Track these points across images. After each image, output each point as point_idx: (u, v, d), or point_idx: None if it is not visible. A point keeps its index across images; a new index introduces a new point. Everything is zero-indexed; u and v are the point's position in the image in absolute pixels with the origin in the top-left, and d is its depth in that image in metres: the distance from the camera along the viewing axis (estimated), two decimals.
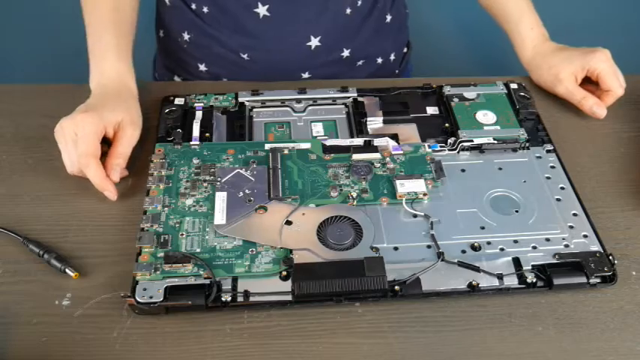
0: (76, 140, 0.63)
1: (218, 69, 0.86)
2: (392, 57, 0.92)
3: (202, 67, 0.86)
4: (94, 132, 0.63)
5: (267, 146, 0.67)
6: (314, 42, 0.82)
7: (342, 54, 0.85)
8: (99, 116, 0.64)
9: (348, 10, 0.82)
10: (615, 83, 0.74)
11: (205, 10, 0.81)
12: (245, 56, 0.83)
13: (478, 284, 0.56)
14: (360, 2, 0.83)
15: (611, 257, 0.58)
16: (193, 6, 0.82)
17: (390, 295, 0.55)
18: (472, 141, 0.68)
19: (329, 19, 0.81)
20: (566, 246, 0.59)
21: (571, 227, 0.61)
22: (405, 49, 0.96)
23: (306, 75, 0.85)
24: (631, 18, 1.41)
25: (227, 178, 0.63)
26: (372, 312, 0.55)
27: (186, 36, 0.85)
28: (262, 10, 0.79)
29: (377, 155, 0.66)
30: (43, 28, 1.40)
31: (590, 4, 1.39)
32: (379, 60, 0.90)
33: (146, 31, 0.95)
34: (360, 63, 0.88)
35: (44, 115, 0.74)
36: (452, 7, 1.38)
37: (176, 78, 0.90)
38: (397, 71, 0.94)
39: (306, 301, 0.55)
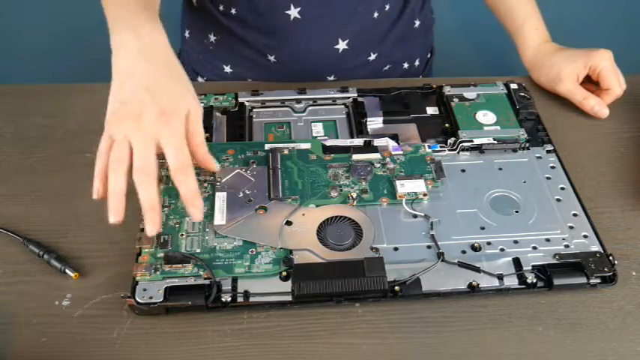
0: (156, 148, 0.52)
1: (243, 70, 0.86)
2: (417, 62, 0.92)
3: (227, 69, 0.86)
4: (183, 136, 0.54)
5: (267, 146, 0.67)
6: (342, 45, 0.82)
7: (369, 58, 0.85)
8: (182, 116, 0.54)
9: (376, 14, 0.82)
10: (615, 82, 0.74)
11: (233, 11, 0.81)
12: (272, 58, 0.83)
13: (478, 284, 0.56)
14: (387, 6, 0.82)
15: (611, 257, 0.58)
16: (221, 7, 0.82)
17: (390, 296, 0.55)
18: (472, 141, 0.68)
19: (358, 23, 0.81)
20: (567, 246, 0.59)
21: (571, 227, 0.61)
22: (429, 55, 0.96)
23: (331, 78, 0.84)
24: (631, 18, 1.41)
25: (227, 178, 0.63)
26: (372, 312, 0.55)
27: (212, 37, 0.85)
28: (294, 12, 0.79)
29: (377, 155, 0.66)
30: (43, 28, 1.40)
31: (590, 4, 1.39)
32: (405, 65, 0.90)
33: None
34: (386, 68, 0.88)
35: (44, 115, 0.74)
36: (453, 7, 1.38)
37: (199, 79, 0.90)
38: (420, 77, 0.94)
39: (306, 301, 0.55)
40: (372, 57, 0.85)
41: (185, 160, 0.53)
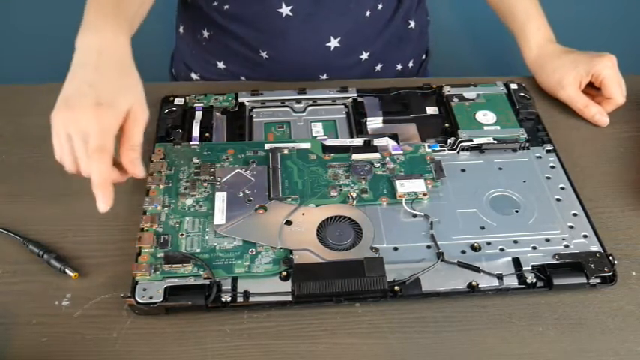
0: (86, 136, 0.54)
1: (236, 67, 0.86)
2: (410, 64, 0.92)
3: (220, 65, 0.87)
4: (112, 130, 0.54)
5: (267, 146, 0.67)
6: (333, 43, 0.82)
7: (361, 56, 0.85)
8: (116, 111, 0.55)
9: (368, 13, 0.82)
10: (618, 92, 0.74)
11: (226, 7, 0.81)
12: (264, 54, 0.83)
13: (478, 284, 0.56)
14: (380, 6, 0.83)
15: (611, 257, 0.58)
16: (215, 3, 0.82)
17: (390, 296, 0.55)
18: (472, 141, 0.68)
19: (350, 21, 0.81)
20: (566, 246, 0.59)
21: (571, 227, 0.61)
22: (424, 57, 0.96)
23: (324, 77, 0.85)
24: (631, 18, 1.41)
25: (227, 178, 0.63)
26: (372, 312, 0.55)
27: (205, 33, 0.85)
28: (286, 10, 0.79)
29: (377, 155, 0.66)
30: (43, 28, 1.40)
31: (590, 3, 1.39)
32: (399, 67, 0.90)
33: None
34: (378, 68, 0.88)
35: (44, 115, 0.73)
36: (452, 6, 1.38)
37: (193, 75, 0.90)
38: (415, 78, 0.94)
39: (306, 301, 0.55)
40: (364, 56, 0.85)
41: (99, 145, 0.53)
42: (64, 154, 0.55)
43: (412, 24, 0.89)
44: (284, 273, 0.56)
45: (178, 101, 0.72)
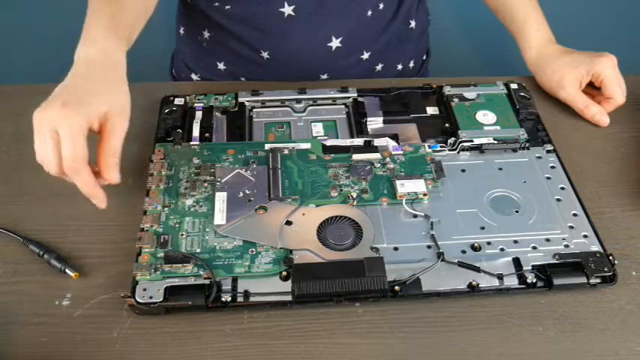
0: (56, 139, 0.54)
1: (237, 68, 0.86)
2: (411, 64, 0.92)
3: (221, 66, 0.87)
4: (80, 131, 0.54)
5: (267, 146, 0.67)
6: (335, 43, 0.82)
7: (362, 56, 0.85)
8: (85, 111, 0.55)
9: (369, 12, 0.82)
10: (618, 92, 0.74)
11: (228, 7, 0.81)
12: (265, 54, 0.83)
13: (478, 284, 0.56)
14: (381, 5, 0.83)
15: (611, 257, 0.58)
16: (216, 3, 0.82)
17: (390, 296, 0.55)
18: (472, 141, 0.68)
19: (351, 20, 0.82)
20: (567, 246, 0.59)
21: (571, 227, 0.61)
22: (424, 57, 0.96)
23: (324, 77, 0.85)
24: (631, 18, 1.41)
25: (227, 178, 0.63)
26: (372, 312, 0.55)
27: (206, 34, 0.85)
28: (288, 9, 0.79)
29: (377, 155, 0.66)
30: (43, 27, 1.40)
31: (590, 3, 1.39)
32: (399, 67, 0.90)
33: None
34: (379, 68, 0.88)
35: None
36: (451, 7, 1.38)
37: (193, 76, 0.90)
38: (415, 78, 0.94)
39: (306, 301, 0.55)
40: (365, 56, 0.85)
41: (72, 154, 0.54)
42: (41, 155, 0.56)
43: (413, 24, 0.89)
44: (284, 273, 0.56)
45: (178, 101, 0.72)
